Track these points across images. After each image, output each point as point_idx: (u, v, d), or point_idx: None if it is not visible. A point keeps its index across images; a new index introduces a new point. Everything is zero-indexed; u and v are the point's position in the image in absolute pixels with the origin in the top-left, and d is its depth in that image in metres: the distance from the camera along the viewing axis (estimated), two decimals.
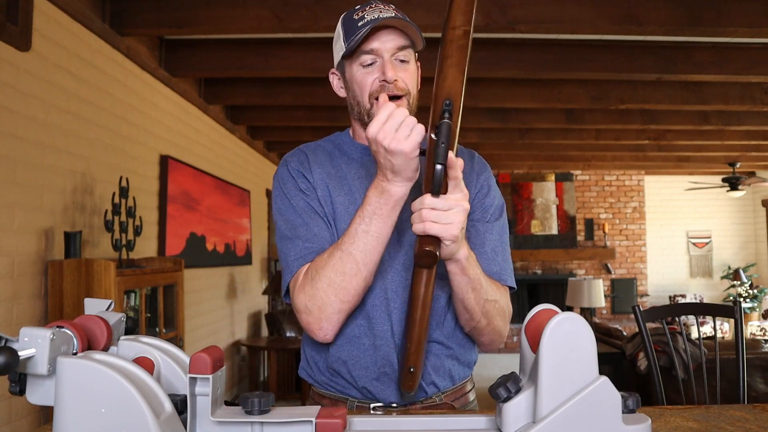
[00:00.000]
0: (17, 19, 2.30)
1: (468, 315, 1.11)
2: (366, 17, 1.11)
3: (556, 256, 8.25)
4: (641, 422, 0.70)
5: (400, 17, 1.11)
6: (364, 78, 1.14)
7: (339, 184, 1.19)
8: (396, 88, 1.12)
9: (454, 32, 0.91)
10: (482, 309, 1.10)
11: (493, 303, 1.12)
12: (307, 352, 1.23)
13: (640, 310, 2.00)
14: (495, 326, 1.15)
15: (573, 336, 0.69)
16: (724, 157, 7.05)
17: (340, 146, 1.26)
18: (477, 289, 1.08)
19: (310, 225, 1.15)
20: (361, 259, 1.03)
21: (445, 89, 0.98)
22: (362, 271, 1.04)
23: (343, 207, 1.17)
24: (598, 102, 4.39)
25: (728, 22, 2.94)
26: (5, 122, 2.28)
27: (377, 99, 1.12)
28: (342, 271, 1.04)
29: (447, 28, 0.93)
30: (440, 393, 1.18)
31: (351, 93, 1.18)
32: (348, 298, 1.06)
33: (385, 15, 1.10)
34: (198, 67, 3.73)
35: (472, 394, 1.26)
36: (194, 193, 4.24)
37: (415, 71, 1.18)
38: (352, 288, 1.05)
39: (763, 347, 4.06)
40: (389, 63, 1.12)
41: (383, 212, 1.02)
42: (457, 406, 1.20)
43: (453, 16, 0.92)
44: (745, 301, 8.03)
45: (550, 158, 7.51)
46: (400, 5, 1.25)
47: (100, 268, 2.53)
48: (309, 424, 0.71)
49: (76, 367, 0.67)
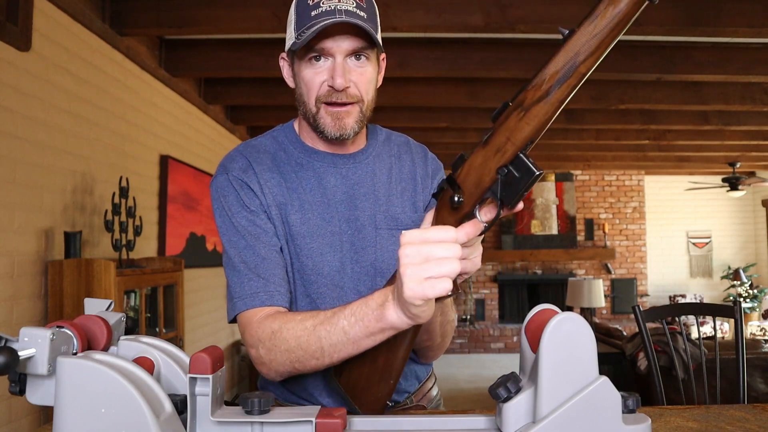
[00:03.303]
0: (17, 19, 2.30)
1: (426, 336, 1.05)
2: (321, 6, 0.95)
3: (556, 256, 8.26)
4: (641, 422, 0.70)
5: (360, 15, 0.96)
6: (311, 78, 1.00)
7: (290, 199, 1.05)
8: (346, 96, 0.99)
9: (579, 78, 0.73)
10: (443, 330, 1.07)
11: (451, 323, 1.09)
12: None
13: (640, 310, 2.00)
14: (446, 342, 1.11)
15: (573, 336, 0.69)
16: (724, 157, 7.05)
17: (285, 147, 1.10)
18: (445, 313, 1.04)
19: (258, 249, 1.01)
20: (328, 353, 0.90)
21: (536, 129, 0.77)
22: (325, 360, 0.91)
23: (296, 227, 1.04)
24: (598, 102, 4.39)
25: (728, 22, 2.95)
26: (5, 122, 2.28)
27: (325, 103, 1.00)
28: (305, 349, 0.91)
29: (576, 71, 0.73)
30: (410, 395, 1.15)
31: (298, 88, 1.05)
32: (303, 369, 0.95)
33: (343, 6, 0.95)
34: (198, 67, 3.73)
35: (435, 389, 1.22)
36: (194, 193, 4.24)
37: (373, 74, 1.03)
38: (309, 366, 0.93)
39: (763, 347, 4.06)
40: (340, 68, 0.98)
41: (370, 328, 0.85)
42: (425, 403, 1.17)
43: (588, 62, 0.72)
44: (745, 301, 8.03)
45: (550, 158, 7.51)
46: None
47: (100, 268, 2.53)
48: (309, 424, 0.71)
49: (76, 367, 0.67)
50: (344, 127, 1.02)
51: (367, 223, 1.07)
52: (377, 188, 1.10)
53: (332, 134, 1.02)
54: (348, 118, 1.01)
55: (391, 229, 1.08)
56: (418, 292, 0.75)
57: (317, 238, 1.05)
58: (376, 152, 1.13)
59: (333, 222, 1.06)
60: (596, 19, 0.70)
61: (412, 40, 3.53)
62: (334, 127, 1.01)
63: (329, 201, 1.07)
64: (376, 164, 1.12)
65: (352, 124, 1.02)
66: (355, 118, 1.02)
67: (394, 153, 1.16)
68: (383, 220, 1.08)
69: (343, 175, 1.09)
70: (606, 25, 0.69)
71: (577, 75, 0.71)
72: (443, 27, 2.97)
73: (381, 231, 1.08)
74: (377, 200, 1.09)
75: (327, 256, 1.05)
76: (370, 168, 1.11)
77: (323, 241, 1.05)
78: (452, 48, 3.58)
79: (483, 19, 2.90)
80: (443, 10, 2.89)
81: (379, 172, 1.11)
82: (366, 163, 1.11)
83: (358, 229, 1.07)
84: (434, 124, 4.99)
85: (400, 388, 1.13)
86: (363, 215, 1.07)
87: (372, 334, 0.86)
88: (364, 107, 1.03)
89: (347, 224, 1.06)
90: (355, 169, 1.10)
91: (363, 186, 1.09)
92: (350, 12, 0.95)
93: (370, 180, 1.10)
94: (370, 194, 1.09)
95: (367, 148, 1.13)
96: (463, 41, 3.56)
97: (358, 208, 1.08)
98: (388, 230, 1.08)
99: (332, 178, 1.08)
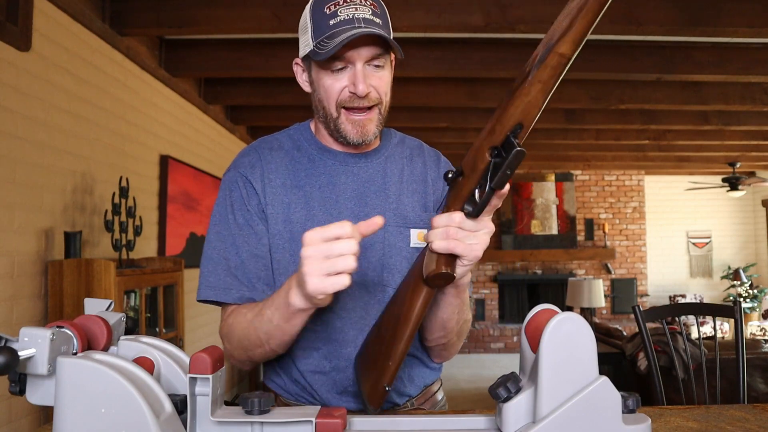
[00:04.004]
0: (17, 19, 2.30)
1: (443, 333, 1.07)
2: (339, 15, 0.98)
3: (556, 256, 8.26)
4: (641, 422, 0.70)
5: (377, 22, 0.99)
6: (332, 85, 1.03)
7: (295, 197, 1.08)
8: (367, 101, 1.03)
9: (558, 59, 0.79)
10: (458, 329, 1.08)
11: (467, 322, 1.10)
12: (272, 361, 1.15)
13: (640, 310, 1.99)
14: (461, 341, 1.13)
15: (573, 336, 0.69)
16: (724, 157, 7.05)
17: (300, 145, 1.14)
18: (462, 311, 1.05)
19: (241, 251, 1.06)
20: (265, 340, 0.99)
21: (525, 113, 0.83)
22: (266, 347, 1.00)
23: (300, 224, 1.07)
24: (598, 102, 4.39)
25: (728, 22, 2.94)
26: (5, 122, 2.28)
27: (345, 109, 1.04)
28: (250, 339, 1.00)
29: (551, 51, 0.80)
30: (412, 398, 1.15)
31: (316, 94, 1.08)
32: (256, 358, 1.04)
33: (361, 14, 0.98)
34: (198, 67, 3.73)
35: (440, 393, 1.23)
36: (194, 193, 4.24)
37: (389, 76, 1.08)
38: (258, 354, 1.02)
39: (763, 347, 4.06)
40: (361, 74, 1.01)
41: (285, 314, 0.93)
42: (428, 407, 1.17)
43: (564, 43, 0.79)
44: (745, 301, 8.03)
45: (550, 158, 7.51)
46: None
47: (100, 268, 2.53)
48: (309, 424, 0.71)
49: (76, 367, 0.67)
50: (366, 134, 1.06)
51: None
52: (388, 187, 1.12)
53: (354, 140, 1.06)
54: (370, 124, 1.06)
55: (399, 226, 1.10)
56: (319, 287, 0.83)
57: None
58: (388, 153, 1.16)
59: (340, 218, 1.06)
60: (569, 3, 0.77)
61: (412, 40, 3.53)
62: (356, 134, 1.06)
63: (338, 198, 1.09)
64: (387, 164, 1.14)
65: (374, 129, 1.07)
66: (375, 123, 1.06)
67: (407, 155, 1.18)
68: (392, 217, 1.10)
69: (355, 173, 1.11)
70: (576, 5, 0.75)
71: (554, 54, 0.77)
72: (443, 27, 2.97)
73: (389, 228, 1.09)
74: (387, 198, 1.11)
75: None
76: (381, 167, 1.13)
77: None
78: (452, 48, 3.58)
79: (483, 19, 2.90)
80: (443, 10, 2.89)
81: (390, 172, 1.13)
82: (378, 162, 1.14)
83: None
84: (434, 124, 4.99)
85: (403, 391, 1.13)
86: (372, 212, 1.09)
87: (289, 319, 0.93)
88: (382, 109, 1.07)
89: (355, 220, 1.05)
90: (367, 167, 1.13)
91: (374, 184, 1.11)
92: (368, 20, 0.99)
93: (381, 179, 1.12)
94: (381, 192, 1.11)
95: (380, 148, 1.15)
96: (463, 41, 3.56)
97: (368, 205, 1.10)
98: (396, 227, 1.10)
99: (343, 176, 1.11)
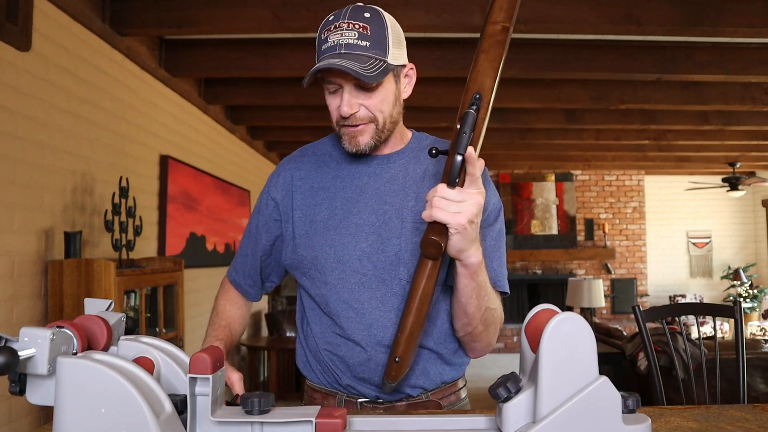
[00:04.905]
0: (17, 19, 2.30)
1: (466, 320, 1.10)
2: (328, 41, 1.06)
3: (556, 256, 8.25)
4: (641, 422, 0.70)
5: (362, 45, 1.04)
6: (330, 103, 1.12)
7: (321, 198, 1.18)
8: (356, 119, 1.10)
9: (493, 27, 0.91)
10: (482, 316, 1.10)
11: (492, 311, 1.12)
12: (302, 341, 1.25)
13: (640, 310, 2.00)
14: (490, 333, 1.15)
15: (573, 336, 0.69)
16: (724, 157, 7.05)
17: (331, 151, 1.24)
18: (481, 296, 1.07)
19: (247, 250, 1.29)
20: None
21: (477, 83, 0.96)
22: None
23: (323, 223, 1.16)
24: (598, 102, 4.38)
25: (728, 22, 2.94)
26: (5, 122, 2.28)
27: (341, 125, 1.12)
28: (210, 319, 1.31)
29: (487, 22, 0.92)
30: (426, 391, 1.17)
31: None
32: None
33: (344, 40, 1.04)
34: (198, 67, 3.73)
35: (464, 392, 1.25)
36: (194, 193, 4.24)
37: (388, 91, 1.11)
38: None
39: (763, 347, 4.06)
40: (346, 98, 1.07)
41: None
42: (445, 404, 1.19)
43: (494, 12, 0.91)
44: (745, 301, 8.03)
45: (550, 158, 7.51)
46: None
47: (100, 268, 2.52)
48: (309, 424, 0.72)
49: (76, 367, 0.67)
50: (358, 144, 1.13)
51: (394, 216, 1.14)
52: (408, 185, 1.17)
53: (350, 150, 1.14)
54: (361, 136, 1.12)
55: (416, 222, 1.14)
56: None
57: (341, 230, 1.15)
58: (413, 154, 1.21)
59: (360, 215, 1.15)
60: None
61: (412, 40, 3.50)
62: (350, 144, 1.14)
63: (359, 197, 1.16)
64: (410, 164, 1.20)
65: (367, 141, 1.13)
66: (369, 135, 1.12)
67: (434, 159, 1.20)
68: (410, 214, 1.14)
69: (378, 174, 1.18)
70: None
71: (489, 24, 0.91)
72: (443, 27, 2.96)
73: (406, 224, 1.14)
74: (407, 196, 1.16)
75: (349, 246, 1.14)
76: (404, 167, 1.19)
77: (347, 231, 1.14)
78: (452, 48, 3.57)
79: (483, 19, 2.90)
80: (443, 10, 2.89)
81: (413, 172, 1.19)
82: (400, 163, 1.20)
83: (384, 221, 1.14)
84: (434, 124, 4.98)
85: (417, 384, 1.16)
86: (391, 209, 1.15)
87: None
88: (379, 124, 1.12)
89: (375, 216, 1.15)
90: (389, 168, 1.19)
91: (394, 183, 1.17)
92: (351, 45, 1.04)
93: (402, 178, 1.18)
94: (401, 190, 1.16)
95: (404, 150, 1.21)
96: (463, 41, 3.56)
97: (387, 202, 1.16)
98: (413, 224, 1.14)
99: (366, 176, 1.18)
